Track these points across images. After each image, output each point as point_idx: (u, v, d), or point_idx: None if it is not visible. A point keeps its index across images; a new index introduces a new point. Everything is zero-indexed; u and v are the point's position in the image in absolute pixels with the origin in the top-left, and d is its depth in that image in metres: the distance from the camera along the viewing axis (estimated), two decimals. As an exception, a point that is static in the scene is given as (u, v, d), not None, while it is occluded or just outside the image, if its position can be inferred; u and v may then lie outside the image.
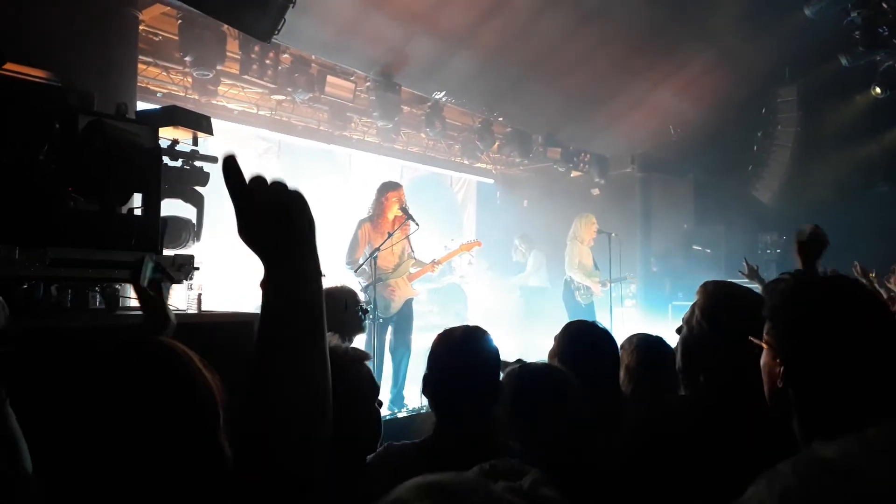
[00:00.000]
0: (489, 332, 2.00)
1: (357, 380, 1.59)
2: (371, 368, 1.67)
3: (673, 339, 2.69)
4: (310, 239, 0.99)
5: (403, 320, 5.86)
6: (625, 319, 8.03)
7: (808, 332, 1.21)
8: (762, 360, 1.30)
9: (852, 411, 1.12)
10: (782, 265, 9.62)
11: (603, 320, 7.21)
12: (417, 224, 5.87)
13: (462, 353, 1.86)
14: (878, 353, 1.15)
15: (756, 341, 1.33)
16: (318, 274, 0.99)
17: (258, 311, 1.01)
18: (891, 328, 1.18)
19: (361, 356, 1.66)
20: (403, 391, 5.71)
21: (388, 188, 5.91)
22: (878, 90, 8.70)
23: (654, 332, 2.69)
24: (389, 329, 5.83)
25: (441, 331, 1.99)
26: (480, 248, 7.02)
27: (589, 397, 1.88)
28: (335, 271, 6.20)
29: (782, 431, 1.26)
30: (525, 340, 7.50)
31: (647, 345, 2.49)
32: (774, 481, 0.49)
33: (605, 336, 2.33)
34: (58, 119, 2.58)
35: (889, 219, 8.98)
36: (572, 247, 7.70)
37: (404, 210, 5.81)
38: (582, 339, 2.29)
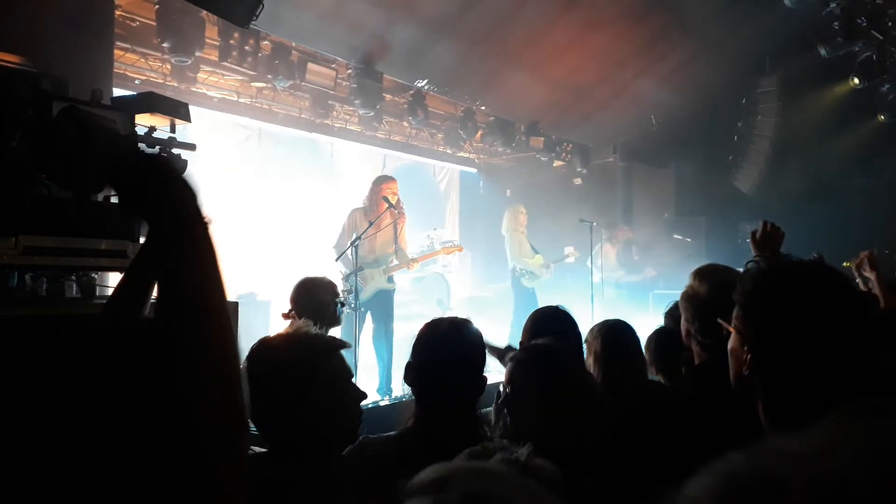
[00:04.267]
0: (472, 320, 2.00)
1: (325, 369, 1.56)
2: (344, 357, 1.64)
3: (649, 327, 2.73)
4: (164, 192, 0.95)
5: (380, 311, 5.89)
6: (606, 307, 8.09)
7: (774, 318, 1.20)
8: (730, 345, 1.30)
9: (816, 398, 1.10)
10: (761, 254, 9.70)
11: (583, 308, 7.34)
12: (403, 215, 5.93)
13: (449, 344, 1.85)
14: (843, 342, 1.14)
15: (725, 325, 1.31)
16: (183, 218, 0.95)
17: (237, 299, 0.99)
18: (857, 316, 1.17)
19: (333, 345, 1.62)
20: (391, 382, 5.72)
21: (382, 181, 6.07)
22: (856, 80, 8.79)
23: (635, 321, 2.73)
24: (368, 318, 5.85)
25: (427, 320, 2.00)
26: (464, 238, 7.07)
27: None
28: (317, 258, 6.20)
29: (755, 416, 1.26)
30: (506, 328, 7.52)
31: (611, 330, 2.53)
32: (723, 465, 0.47)
33: (567, 318, 2.46)
34: (31, 105, 2.53)
35: (866, 209, 9.10)
36: (509, 238, 7.94)
37: (385, 199, 5.83)
38: (548, 323, 2.39)
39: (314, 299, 3.28)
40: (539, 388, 1.77)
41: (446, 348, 1.85)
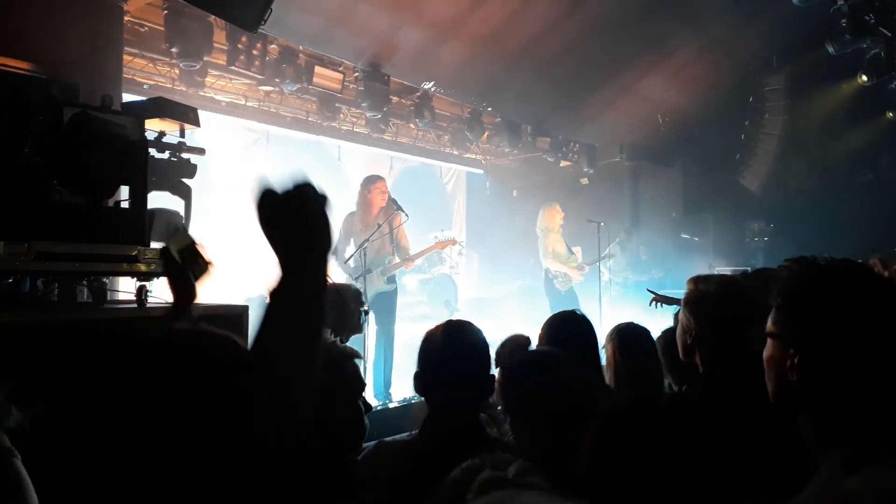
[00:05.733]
0: (477, 322, 2.00)
1: (341, 378, 1.58)
2: (358, 367, 1.66)
3: (657, 328, 2.73)
4: (322, 244, 1.02)
5: (382, 314, 5.89)
6: (613, 308, 8.08)
7: (827, 318, 1.11)
8: (766, 354, 1.20)
9: (874, 407, 1.05)
10: (769, 253, 9.70)
11: (591, 308, 7.32)
12: (407, 214, 5.90)
13: (449, 349, 1.85)
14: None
15: (759, 333, 1.23)
16: (324, 282, 1.02)
17: (247, 302, 1.01)
18: None
19: (349, 354, 1.64)
20: (390, 387, 5.70)
21: (371, 181, 6.00)
22: (864, 78, 8.74)
23: (642, 321, 2.73)
24: (371, 321, 5.86)
25: (430, 325, 2.00)
26: (471, 239, 7.06)
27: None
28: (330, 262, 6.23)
29: (782, 428, 1.21)
30: (515, 329, 7.52)
31: (626, 335, 2.52)
32: None
33: (585, 324, 2.40)
34: (42, 111, 2.56)
35: (873, 207, 9.05)
36: (543, 238, 7.86)
37: (393, 200, 5.83)
38: (564, 329, 2.36)
39: (340, 307, 3.24)
40: (512, 404, 1.80)
41: (447, 354, 1.85)
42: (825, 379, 1.10)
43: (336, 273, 5.80)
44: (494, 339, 2.54)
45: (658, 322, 3.51)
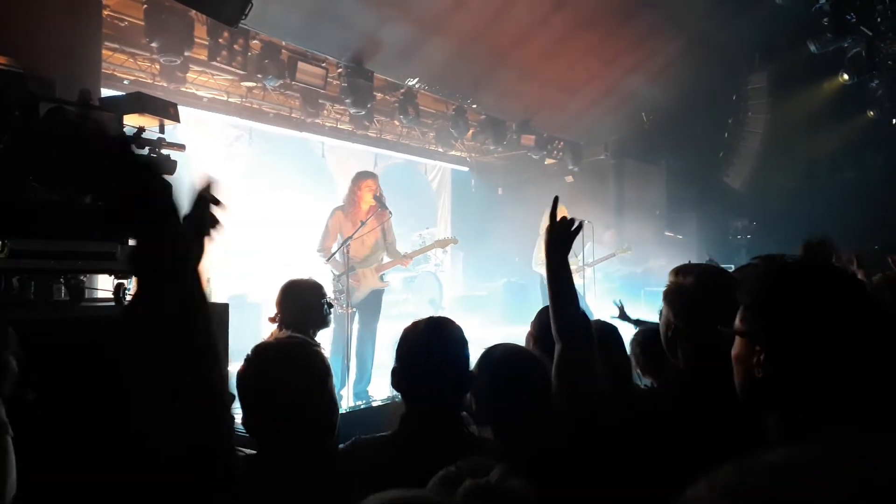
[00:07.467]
0: (462, 320, 1.99)
1: (317, 372, 1.58)
2: (322, 354, 1.66)
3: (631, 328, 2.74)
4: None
5: (368, 310, 5.84)
6: (597, 305, 8.10)
7: (792, 316, 1.13)
8: (734, 351, 1.22)
9: (839, 402, 1.06)
10: (752, 251, 9.75)
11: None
12: (390, 212, 5.87)
13: (427, 345, 1.84)
14: (864, 339, 1.09)
15: (726, 331, 1.24)
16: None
17: (231, 300, 1.00)
18: (874, 313, 1.12)
19: (312, 343, 1.65)
20: (369, 386, 5.65)
21: (362, 177, 5.92)
22: (845, 76, 8.84)
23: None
24: (355, 318, 5.80)
25: (410, 322, 1.99)
26: (456, 237, 7.03)
27: None
28: (309, 259, 6.19)
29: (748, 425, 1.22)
30: (501, 327, 7.52)
31: (595, 332, 2.53)
32: (716, 478, 0.49)
33: None
34: (18, 107, 2.51)
35: (855, 205, 9.14)
36: (539, 240, 7.85)
37: (378, 199, 5.79)
38: (546, 324, 2.35)
39: (300, 302, 3.21)
40: (479, 402, 1.81)
41: (425, 350, 1.84)
42: (790, 376, 1.11)
43: (321, 269, 5.75)
44: (479, 337, 2.52)
45: (642, 318, 3.52)
